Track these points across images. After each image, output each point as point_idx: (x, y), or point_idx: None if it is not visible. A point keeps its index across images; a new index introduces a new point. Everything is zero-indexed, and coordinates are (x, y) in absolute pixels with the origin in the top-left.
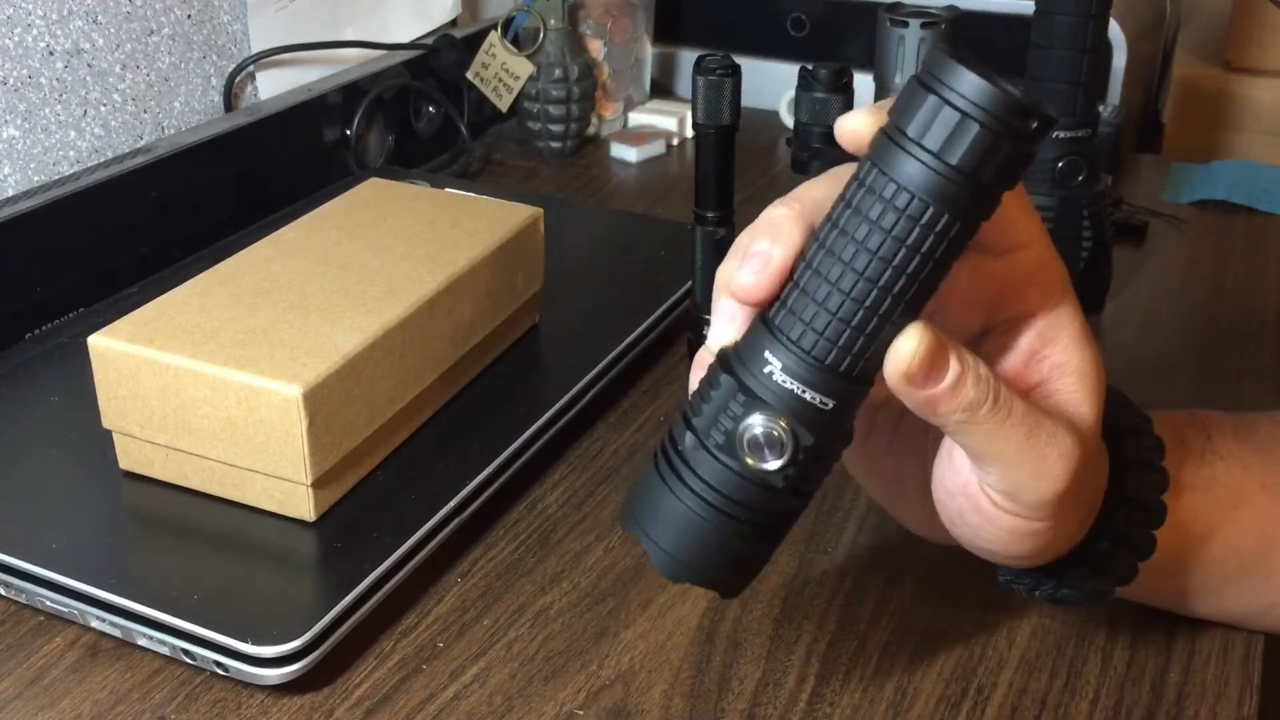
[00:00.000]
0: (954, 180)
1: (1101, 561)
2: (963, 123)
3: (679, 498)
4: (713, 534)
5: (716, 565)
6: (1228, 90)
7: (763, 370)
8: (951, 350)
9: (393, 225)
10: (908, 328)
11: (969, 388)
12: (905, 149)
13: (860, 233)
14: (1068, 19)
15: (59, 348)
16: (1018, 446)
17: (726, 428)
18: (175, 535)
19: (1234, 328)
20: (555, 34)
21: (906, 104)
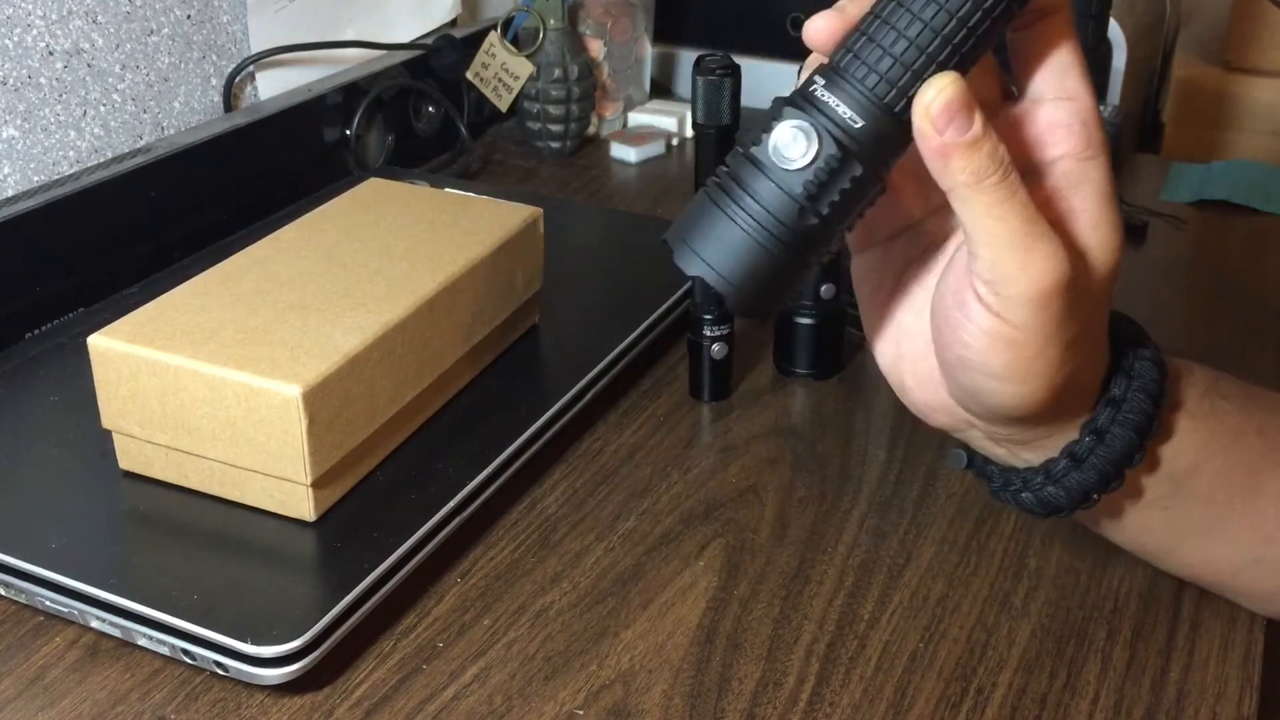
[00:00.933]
0: None
1: (1083, 455)
2: None
3: (707, 192)
4: (729, 229)
5: (730, 265)
6: (1228, 90)
7: (807, 87)
8: (978, 111)
9: (393, 225)
10: (942, 73)
11: (984, 152)
12: None
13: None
14: None
15: (59, 348)
16: (1011, 230)
17: (762, 129)
18: (175, 535)
19: (1234, 328)
20: (555, 34)
21: None
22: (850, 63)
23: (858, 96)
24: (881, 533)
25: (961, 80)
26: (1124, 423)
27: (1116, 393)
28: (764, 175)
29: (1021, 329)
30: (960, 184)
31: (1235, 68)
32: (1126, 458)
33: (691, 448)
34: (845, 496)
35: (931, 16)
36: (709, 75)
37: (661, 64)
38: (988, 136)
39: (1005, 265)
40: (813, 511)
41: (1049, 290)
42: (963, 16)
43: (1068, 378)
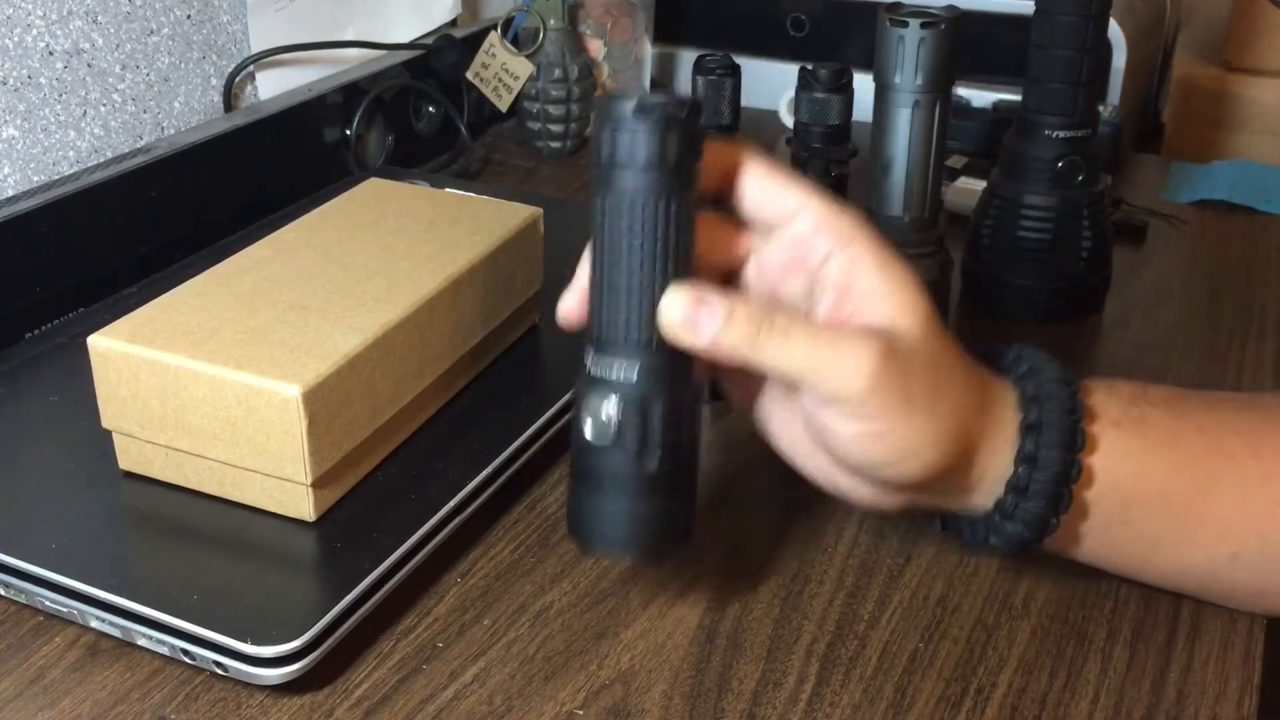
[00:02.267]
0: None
1: (1023, 484)
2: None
3: (573, 486)
4: (605, 511)
5: (631, 536)
6: (1228, 90)
7: (583, 370)
8: (713, 294)
9: (393, 225)
10: (668, 291)
11: (741, 320)
12: (602, 173)
13: (605, 243)
14: (1068, 19)
15: (59, 348)
16: (806, 353)
17: (576, 414)
18: (175, 535)
19: (1234, 327)
20: (555, 34)
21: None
22: (600, 330)
23: (622, 354)
24: (881, 533)
25: (682, 292)
26: (1049, 443)
27: (1033, 418)
28: (596, 455)
29: (878, 419)
30: (743, 355)
31: (1235, 68)
32: (1064, 475)
33: None
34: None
35: (628, 263)
36: (709, 75)
37: (661, 64)
38: (735, 303)
39: (826, 382)
40: (813, 511)
41: (876, 376)
42: (658, 242)
43: (955, 426)
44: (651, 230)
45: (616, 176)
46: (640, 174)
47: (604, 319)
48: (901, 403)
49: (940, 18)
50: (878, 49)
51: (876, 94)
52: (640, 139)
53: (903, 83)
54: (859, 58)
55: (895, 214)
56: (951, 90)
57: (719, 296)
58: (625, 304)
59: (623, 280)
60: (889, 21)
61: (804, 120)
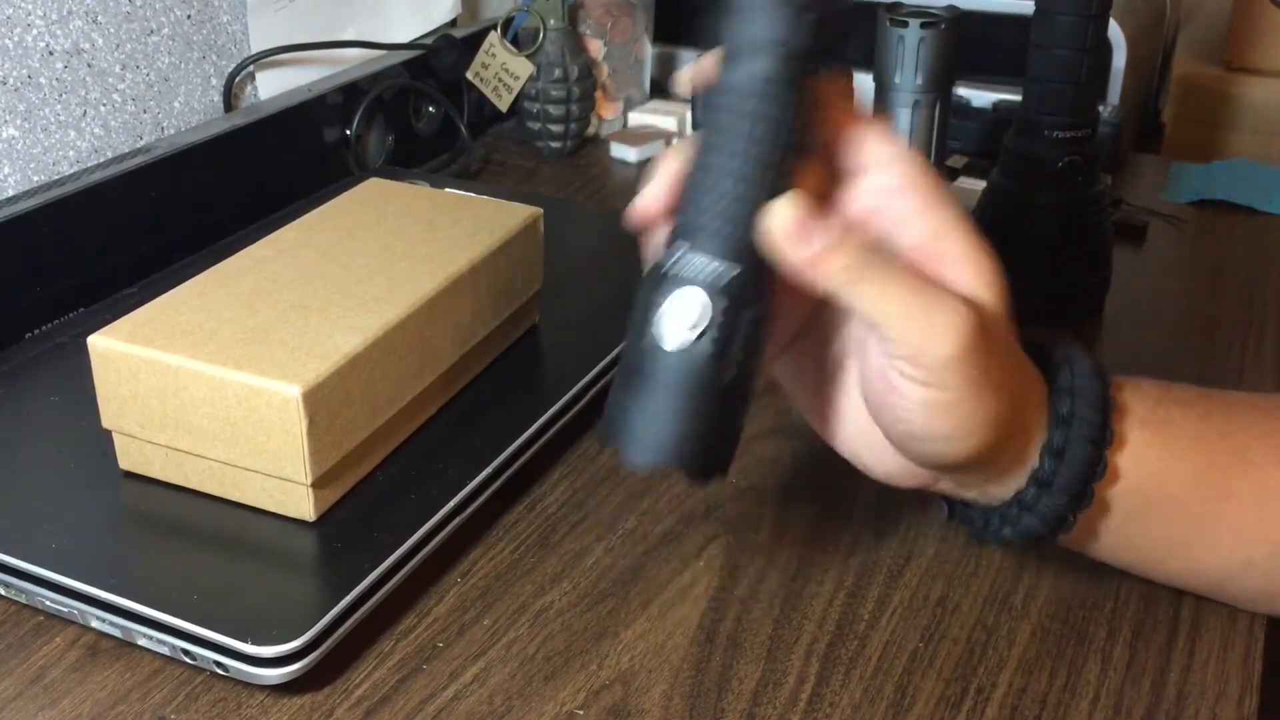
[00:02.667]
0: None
1: (1048, 478)
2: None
3: (621, 386)
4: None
5: (676, 445)
6: (1228, 90)
7: (673, 257)
8: (827, 215)
9: (393, 225)
10: (781, 195)
11: (848, 249)
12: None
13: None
14: (1068, 19)
15: (59, 348)
16: (905, 303)
17: (646, 310)
18: (175, 535)
19: (1234, 327)
20: (555, 34)
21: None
22: (699, 219)
23: (717, 254)
24: (881, 533)
25: (799, 198)
26: (1078, 438)
27: (1064, 411)
28: (662, 358)
29: (953, 389)
30: (839, 284)
31: (1235, 68)
32: (1090, 471)
33: None
34: (845, 496)
35: (746, 150)
36: None
37: (661, 64)
38: (844, 234)
39: (915, 338)
40: (813, 511)
41: (966, 345)
42: (772, 139)
43: (1010, 413)
44: (781, 115)
45: (750, 52)
46: (779, 50)
47: (703, 212)
48: (979, 377)
49: (940, 18)
50: (878, 49)
51: (876, 94)
52: (785, 11)
53: (903, 83)
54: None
55: None
56: (951, 90)
57: (829, 216)
58: (734, 196)
59: (736, 168)
60: (889, 21)
61: None
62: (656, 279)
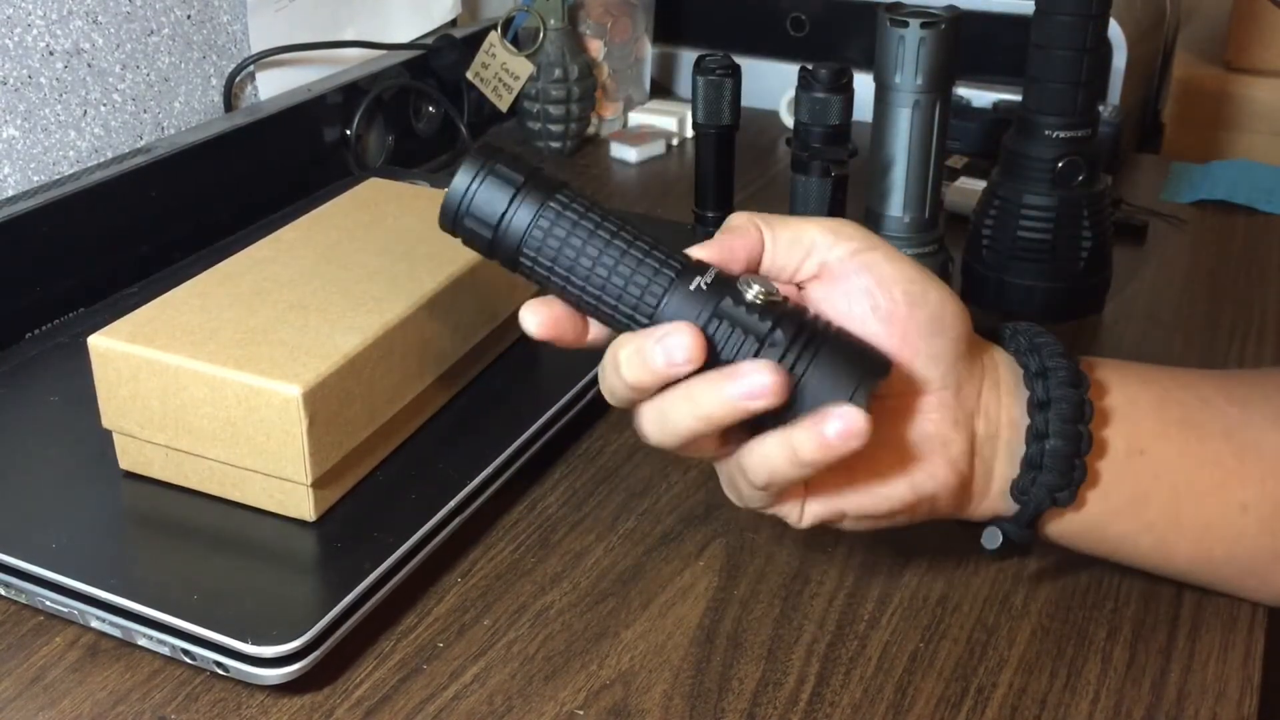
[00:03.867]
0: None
1: (1036, 459)
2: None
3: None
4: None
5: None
6: (1228, 90)
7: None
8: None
9: (393, 225)
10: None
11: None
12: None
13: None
14: (1068, 19)
15: (59, 348)
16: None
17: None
18: (175, 535)
19: (1234, 328)
20: (555, 34)
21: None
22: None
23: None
24: (881, 533)
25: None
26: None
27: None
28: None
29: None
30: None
31: (1235, 68)
32: (1074, 450)
33: None
34: None
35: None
36: (709, 75)
37: (661, 64)
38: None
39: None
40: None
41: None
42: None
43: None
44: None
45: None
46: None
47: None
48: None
49: (940, 18)
50: (878, 49)
51: (876, 94)
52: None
53: (903, 83)
54: (859, 58)
55: (895, 214)
56: (951, 90)
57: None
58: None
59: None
60: (889, 21)
61: (804, 120)
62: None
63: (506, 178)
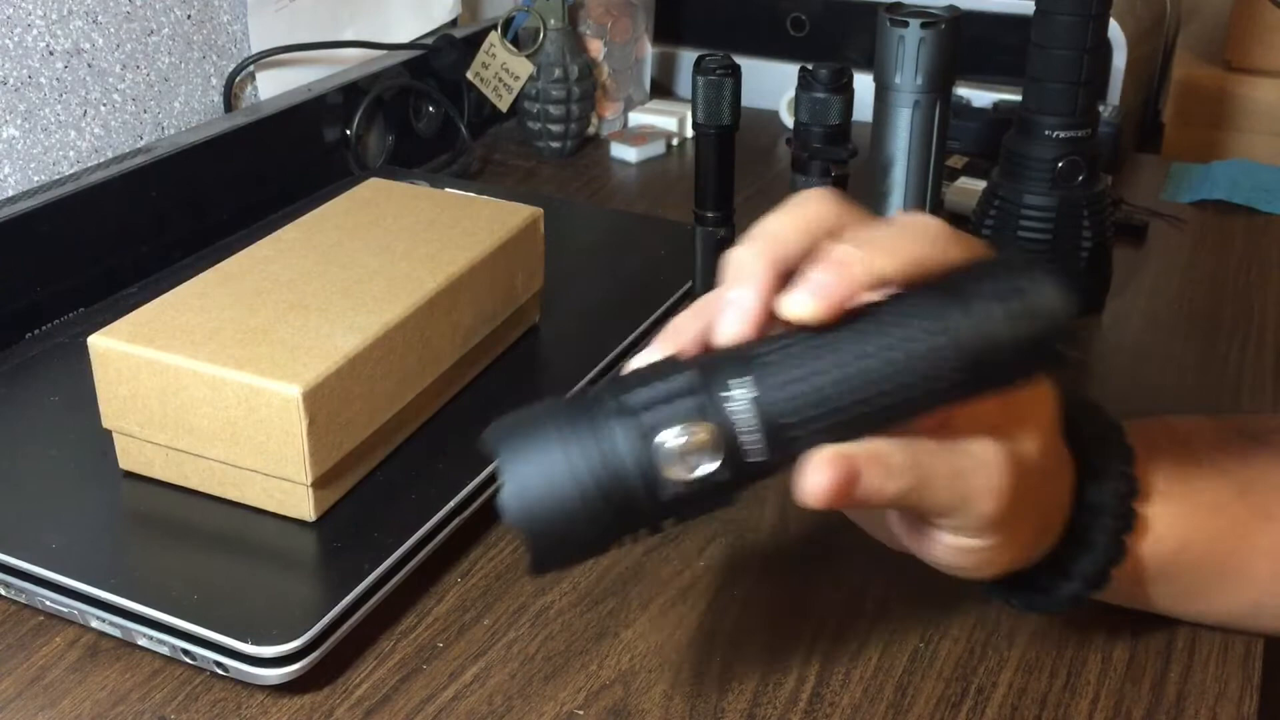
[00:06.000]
0: (997, 367)
1: (1067, 566)
2: (1044, 334)
3: (560, 439)
4: (569, 499)
5: (550, 530)
6: (1228, 90)
7: (730, 391)
8: (864, 463)
9: (393, 225)
10: (814, 459)
11: (889, 489)
12: (979, 319)
13: (888, 352)
14: (1068, 19)
15: (59, 348)
16: (944, 502)
17: (660, 417)
18: (175, 535)
19: (1234, 328)
20: (555, 34)
21: (1002, 284)
22: (779, 378)
23: (771, 425)
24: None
25: (832, 464)
26: (1104, 528)
27: (1092, 500)
28: (635, 469)
29: (985, 539)
30: (878, 505)
31: (1235, 68)
32: (1111, 560)
33: None
34: None
35: (874, 374)
36: (709, 75)
37: (661, 64)
38: (889, 474)
39: (949, 519)
40: (813, 511)
41: (998, 513)
42: (902, 389)
43: (1042, 531)
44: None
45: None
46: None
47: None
48: (1009, 524)
49: (940, 18)
50: (878, 49)
51: (876, 94)
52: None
53: (903, 83)
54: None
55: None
56: (951, 90)
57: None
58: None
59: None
60: (889, 21)
61: (804, 120)
62: (704, 392)
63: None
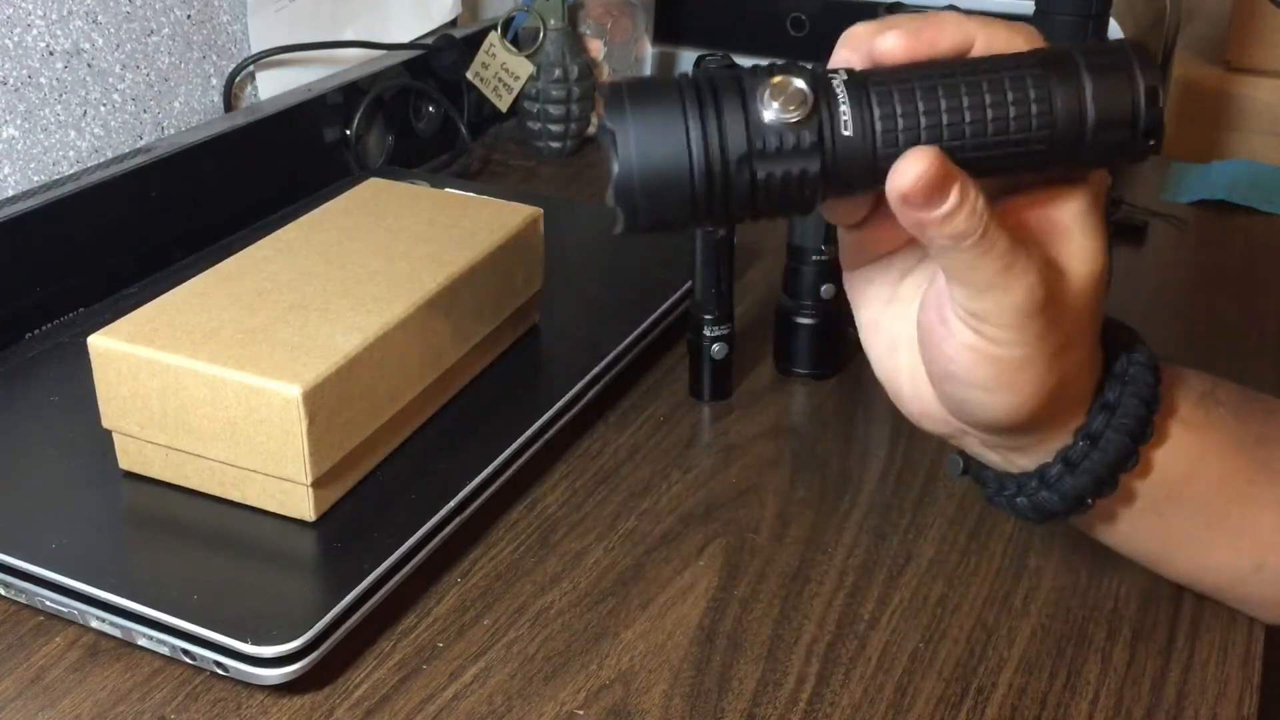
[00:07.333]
0: (1080, 138)
1: (1077, 459)
2: (1128, 112)
3: (683, 83)
4: (676, 128)
5: (649, 163)
6: (1228, 90)
7: (830, 72)
8: (955, 182)
9: (393, 225)
10: (917, 149)
11: (960, 220)
12: (1071, 85)
13: (991, 99)
14: (1068, 19)
15: (59, 348)
16: (989, 278)
17: (770, 70)
18: (175, 535)
19: (1234, 328)
20: (555, 34)
21: (1100, 59)
22: (879, 87)
23: (864, 117)
24: (881, 533)
25: (936, 159)
26: (1118, 427)
27: (1110, 397)
28: (738, 101)
29: (1003, 345)
30: (938, 246)
31: (1235, 68)
32: (1120, 462)
33: (691, 448)
34: (845, 496)
35: (963, 113)
36: None
37: (661, 64)
38: (966, 200)
39: (981, 300)
40: (813, 511)
41: (1027, 312)
42: (986, 135)
43: (1056, 386)
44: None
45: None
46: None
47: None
48: (1034, 345)
49: None
50: None
51: None
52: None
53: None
54: None
55: None
56: None
57: (956, 184)
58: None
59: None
60: None
61: None
62: (809, 69)
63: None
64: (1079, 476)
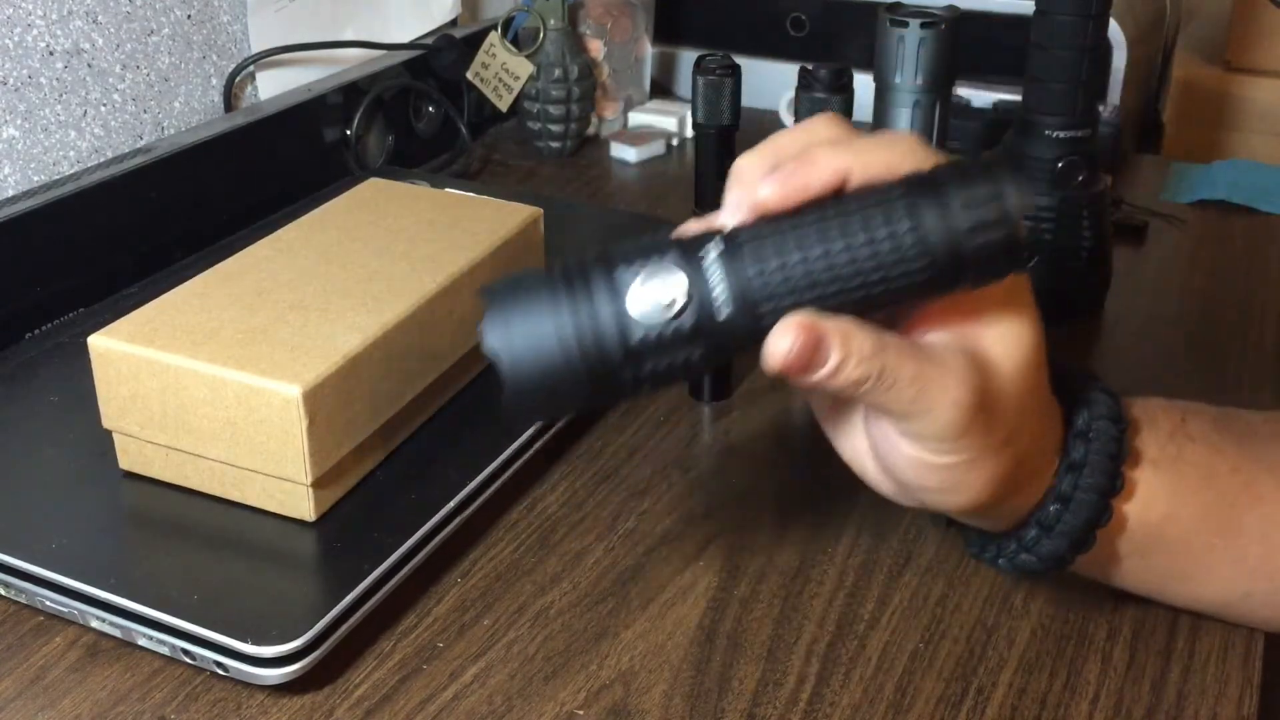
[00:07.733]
0: (957, 257)
1: (1050, 523)
2: (1002, 224)
3: (554, 277)
4: (549, 330)
5: (529, 365)
6: (1228, 90)
7: (700, 248)
8: (831, 341)
9: (393, 225)
10: (785, 320)
11: (849, 372)
12: (940, 208)
13: (856, 239)
14: (1068, 19)
15: (59, 348)
16: (905, 408)
17: (641, 258)
18: (175, 535)
19: (1234, 328)
20: (555, 34)
21: (965, 176)
22: (754, 244)
23: (741, 286)
24: (881, 533)
25: (808, 326)
26: (1086, 487)
27: (1075, 456)
28: (612, 303)
29: (946, 455)
30: (841, 395)
31: (1235, 68)
32: (1094, 520)
33: (691, 448)
34: (845, 497)
35: (838, 255)
36: (709, 75)
37: (661, 64)
38: (850, 353)
39: (909, 423)
40: (813, 511)
41: (959, 424)
42: (866, 273)
43: (1010, 471)
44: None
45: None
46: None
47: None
48: (976, 446)
49: (940, 18)
50: (878, 49)
51: (876, 94)
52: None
53: (903, 83)
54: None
55: None
56: (951, 90)
57: (834, 340)
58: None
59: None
60: (889, 21)
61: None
62: (680, 246)
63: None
64: (1055, 539)
